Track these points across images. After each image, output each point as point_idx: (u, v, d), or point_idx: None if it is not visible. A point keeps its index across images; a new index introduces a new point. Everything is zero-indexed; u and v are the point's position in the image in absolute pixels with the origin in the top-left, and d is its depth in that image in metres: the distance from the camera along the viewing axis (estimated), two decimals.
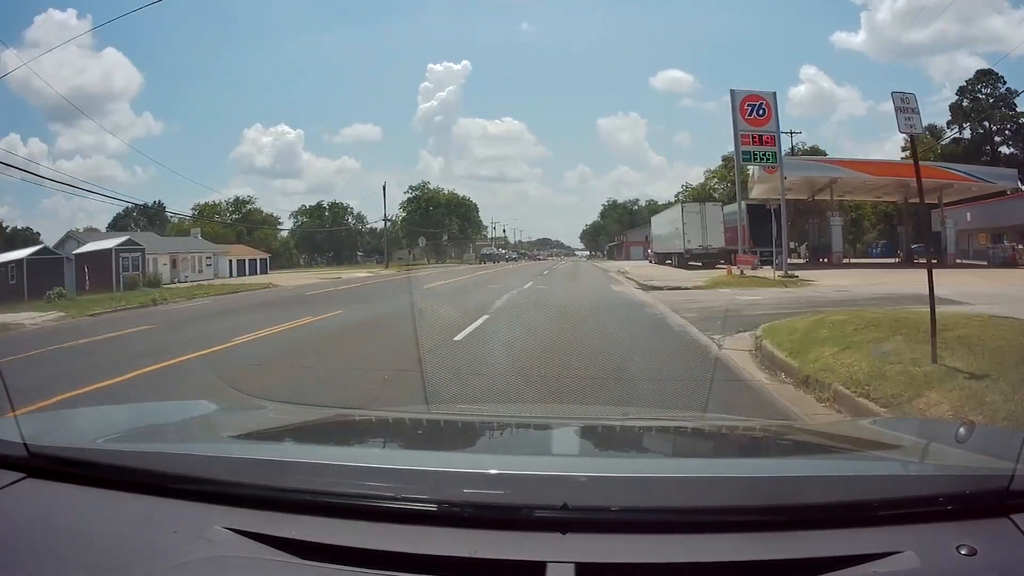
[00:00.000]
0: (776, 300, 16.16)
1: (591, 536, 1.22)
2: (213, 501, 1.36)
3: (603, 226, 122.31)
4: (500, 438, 2.21)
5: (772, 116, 28.05)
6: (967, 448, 1.52)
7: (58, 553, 1.25)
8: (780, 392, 6.87)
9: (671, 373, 7.86)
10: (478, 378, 7.77)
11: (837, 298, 15.70)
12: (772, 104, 28.14)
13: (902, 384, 5.87)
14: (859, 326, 8.59)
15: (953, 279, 16.97)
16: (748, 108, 27.78)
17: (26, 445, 1.50)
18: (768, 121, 27.92)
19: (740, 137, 27.68)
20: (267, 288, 32.43)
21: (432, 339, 10.56)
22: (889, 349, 7.01)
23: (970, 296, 13.18)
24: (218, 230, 66.59)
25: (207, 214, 72.89)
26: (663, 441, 2.24)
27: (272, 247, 74.21)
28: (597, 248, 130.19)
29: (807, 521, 1.25)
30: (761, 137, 27.76)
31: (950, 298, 11.70)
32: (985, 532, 1.20)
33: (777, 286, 21.06)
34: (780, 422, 4.58)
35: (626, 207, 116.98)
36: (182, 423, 2.20)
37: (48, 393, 7.18)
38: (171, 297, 25.79)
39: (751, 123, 27.75)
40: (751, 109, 27.80)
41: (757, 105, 27.91)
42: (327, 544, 1.22)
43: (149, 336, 13.77)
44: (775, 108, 28.17)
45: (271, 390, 7.25)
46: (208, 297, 26.42)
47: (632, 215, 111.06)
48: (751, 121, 27.77)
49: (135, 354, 10.53)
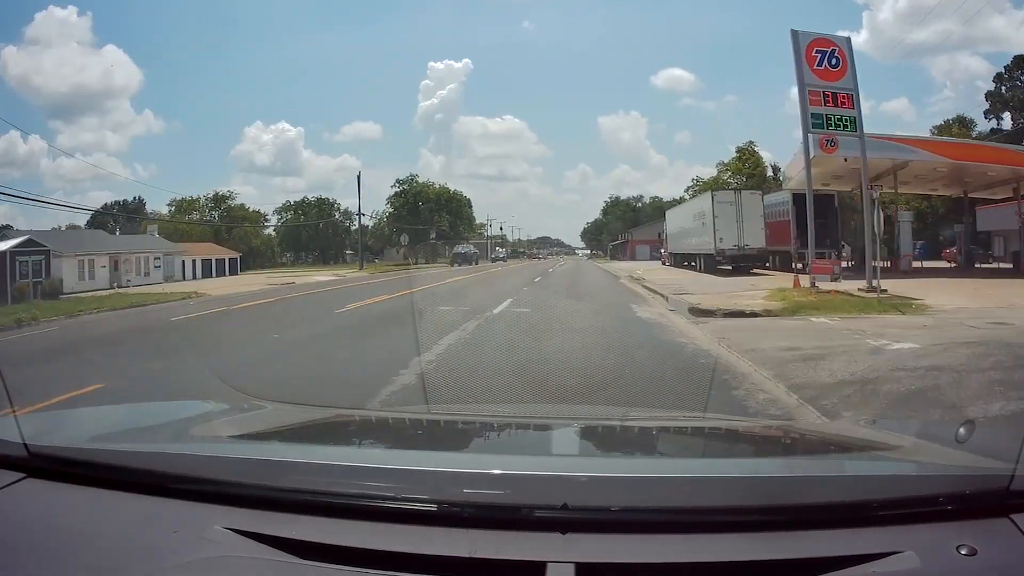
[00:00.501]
0: (937, 344, 9.08)
1: (591, 536, 1.22)
2: (213, 501, 1.36)
3: (605, 224, 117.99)
4: (500, 438, 2.20)
5: (848, 69, 19.84)
6: (967, 448, 1.53)
7: (58, 553, 1.25)
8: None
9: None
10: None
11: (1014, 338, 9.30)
12: (847, 54, 20.15)
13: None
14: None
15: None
16: (817, 56, 19.54)
17: (26, 445, 1.51)
18: (843, 75, 19.76)
19: (808, 94, 19.33)
20: (186, 299, 26.07)
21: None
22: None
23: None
24: (194, 228, 63.33)
25: (185, 210, 69.34)
26: (663, 441, 2.21)
27: (253, 245, 70.47)
28: (599, 247, 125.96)
29: (807, 521, 1.25)
30: (836, 96, 19.85)
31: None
32: (985, 532, 1.20)
33: (888, 311, 13.51)
34: (780, 422, 4.24)
35: (629, 204, 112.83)
36: (182, 423, 2.19)
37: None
38: (53, 314, 20.23)
39: (821, 76, 19.56)
40: (821, 58, 19.53)
41: (828, 53, 19.68)
42: (327, 544, 1.22)
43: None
44: (851, 60, 20.30)
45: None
46: (98, 312, 21.51)
47: (635, 212, 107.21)
48: (821, 73, 19.48)
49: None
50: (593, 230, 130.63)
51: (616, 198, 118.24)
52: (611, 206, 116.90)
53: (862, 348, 9.10)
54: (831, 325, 11.85)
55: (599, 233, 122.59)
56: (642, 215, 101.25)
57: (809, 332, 10.96)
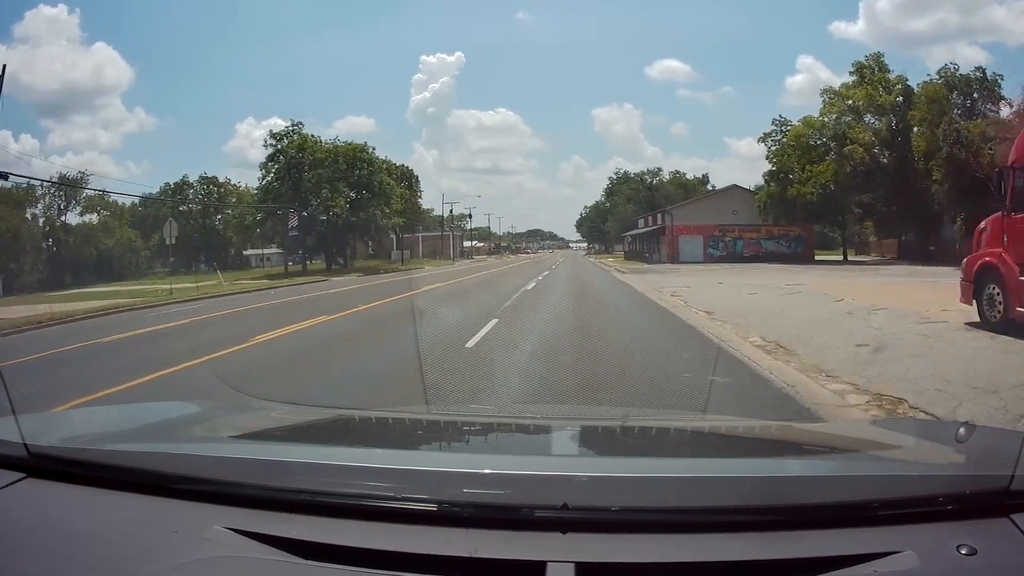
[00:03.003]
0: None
1: (591, 536, 1.22)
2: (213, 501, 1.37)
3: (610, 208, 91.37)
4: (500, 438, 2.20)
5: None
6: (967, 448, 1.52)
7: (58, 553, 1.25)
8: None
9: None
10: None
11: None
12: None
13: None
14: None
15: None
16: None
17: (26, 445, 1.51)
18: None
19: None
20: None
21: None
22: None
23: None
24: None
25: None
26: (663, 441, 2.21)
27: (104, 247, 56.60)
28: (602, 240, 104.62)
29: (807, 521, 1.25)
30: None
31: None
32: (985, 532, 1.20)
33: None
34: (780, 422, 3.96)
35: (642, 181, 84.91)
36: (182, 423, 2.19)
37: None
38: None
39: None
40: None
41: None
42: (327, 544, 1.22)
43: None
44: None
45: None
46: None
47: (652, 192, 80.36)
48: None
49: None
50: (594, 217, 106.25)
51: (625, 174, 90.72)
52: (618, 183, 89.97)
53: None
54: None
55: (602, 219, 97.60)
56: (660, 196, 75.57)
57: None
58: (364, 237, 58.40)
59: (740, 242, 49.77)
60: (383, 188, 51.95)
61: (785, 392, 6.43)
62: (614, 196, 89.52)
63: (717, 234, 49.42)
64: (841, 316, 12.06)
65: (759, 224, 48.79)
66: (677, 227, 50.05)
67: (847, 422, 4.65)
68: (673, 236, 49.84)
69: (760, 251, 48.06)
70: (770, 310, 13.47)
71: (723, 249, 49.04)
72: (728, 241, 49.96)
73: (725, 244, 49.83)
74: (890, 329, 9.98)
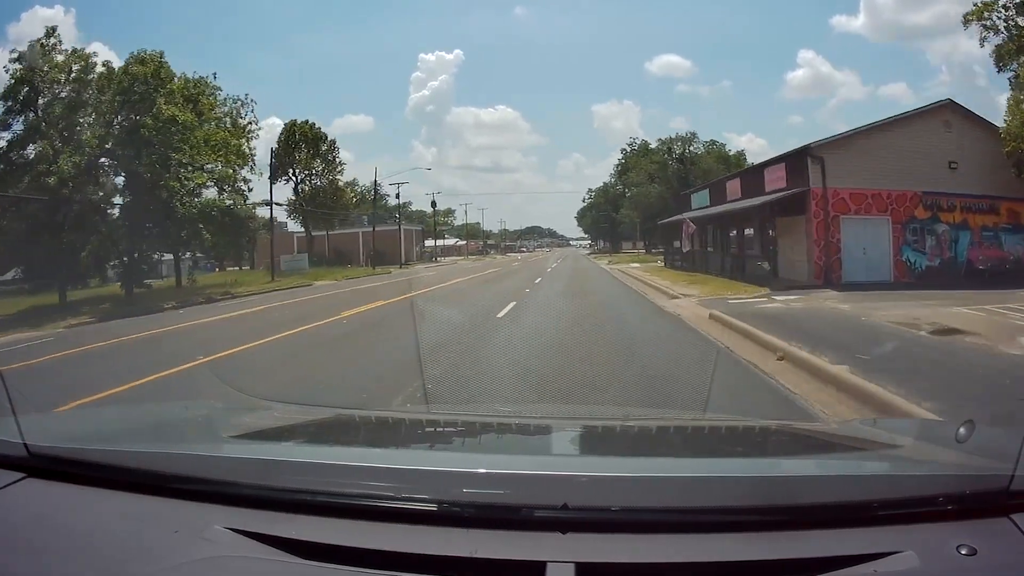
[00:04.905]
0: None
1: (591, 536, 1.22)
2: (213, 501, 1.36)
3: (622, 193, 67.66)
4: (500, 438, 2.19)
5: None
6: (967, 448, 1.52)
7: (58, 553, 1.25)
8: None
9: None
10: None
11: None
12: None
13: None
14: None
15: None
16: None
17: (26, 445, 1.51)
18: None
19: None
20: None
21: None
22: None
23: None
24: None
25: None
26: (663, 441, 2.20)
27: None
28: (610, 235, 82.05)
29: (807, 521, 1.25)
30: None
31: None
32: (985, 532, 1.20)
33: None
34: (780, 422, 4.03)
35: (670, 150, 58.75)
36: (182, 423, 2.19)
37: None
38: None
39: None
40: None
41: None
42: (327, 544, 1.22)
43: None
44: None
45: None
46: None
47: (685, 167, 54.50)
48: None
49: None
50: (601, 202, 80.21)
51: (643, 144, 65.44)
52: (634, 156, 64.43)
53: None
54: None
55: (612, 207, 72.67)
56: (693, 173, 52.61)
57: None
58: (142, 234, 26.02)
59: (967, 235, 21.39)
60: (179, 133, 24.05)
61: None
62: (629, 173, 63.84)
63: (923, 215, 20.84)
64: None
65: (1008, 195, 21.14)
66: (837, 193, 20.18)
67: (847, 422, 4.71)
68: (828, 216, 20.16)
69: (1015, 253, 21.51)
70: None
71: (937, 251, 21.33)
72: (943, 233, 21.29)
73: (939, 239, 21.28)
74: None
